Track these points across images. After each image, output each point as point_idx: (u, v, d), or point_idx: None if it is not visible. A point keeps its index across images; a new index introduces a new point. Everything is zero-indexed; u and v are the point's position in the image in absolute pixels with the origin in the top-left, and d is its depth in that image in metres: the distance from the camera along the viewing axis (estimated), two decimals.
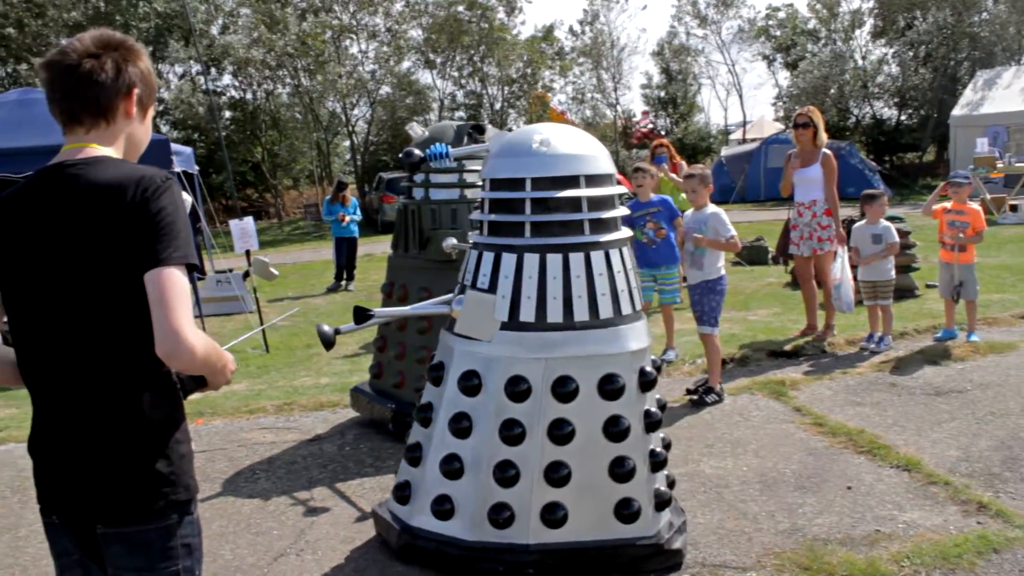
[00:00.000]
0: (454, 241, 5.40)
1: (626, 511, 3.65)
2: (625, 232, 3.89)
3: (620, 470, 3.63)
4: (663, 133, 38.04)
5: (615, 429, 3.61)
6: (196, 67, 31.76)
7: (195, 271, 2.05)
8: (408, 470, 4.06)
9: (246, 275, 10.69)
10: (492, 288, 3.70)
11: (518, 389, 3.63)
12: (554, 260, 3.64)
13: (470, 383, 3.74)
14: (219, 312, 11.48)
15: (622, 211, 3.87)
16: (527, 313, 3.67)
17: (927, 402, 6.02)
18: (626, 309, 3.76)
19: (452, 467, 3.76)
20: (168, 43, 31.53)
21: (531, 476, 3.60)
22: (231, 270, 12.16)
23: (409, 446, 4.07)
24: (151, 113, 2.26)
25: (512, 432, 3.61)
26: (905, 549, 3.89)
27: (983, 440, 5.21)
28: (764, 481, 4.81)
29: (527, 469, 3.60)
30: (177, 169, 10.01)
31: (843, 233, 7.66)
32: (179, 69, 33.92)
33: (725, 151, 31.23)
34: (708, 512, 4.46)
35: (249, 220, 9.13)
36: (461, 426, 3.74)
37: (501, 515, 3.62)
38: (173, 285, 1.92)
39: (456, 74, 36.28)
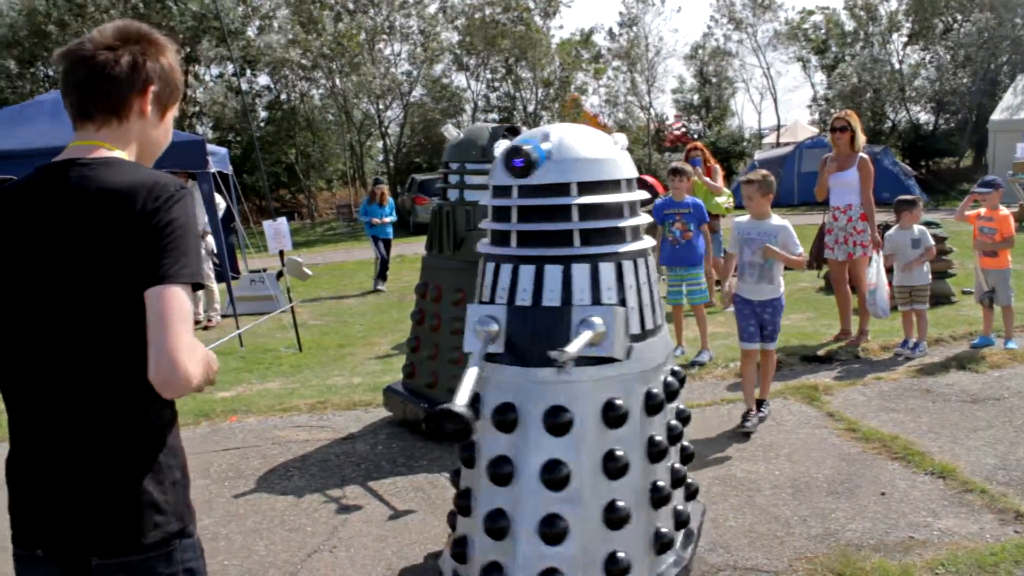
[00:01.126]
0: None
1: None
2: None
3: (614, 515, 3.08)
4: (696, 137, 37.87)
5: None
6: (231, 68, 32.11)
7: (200, 289, 1.92)
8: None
9: (279, 275, 10.81)
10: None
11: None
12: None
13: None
14: (253, 311, 11.59)
15: (646, 218, 3.47)
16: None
17: (963, 409, 5.95)
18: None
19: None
20: (203, 43, 31.89)
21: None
22: (265, 270, 12.28)
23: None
24: (172, 113, 2.09)
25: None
26: (940, 556, 3.86)
27: (1021, 448, 5.14)
28: (796, 486, 4.78)
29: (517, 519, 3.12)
30: (212, 169, 10.11)
31: (879, 238, 7.60)
32: (215, 70, 34.36)
33: (759, 155, 31.01)
34: (740, 515, 4.45)
35: (283, 220, 9.21)
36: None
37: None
38: (176, 305, 1.78)
39: (489, 76, 36.36)
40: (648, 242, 3.39)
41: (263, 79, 34.82)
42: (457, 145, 5.75)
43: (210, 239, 10.69)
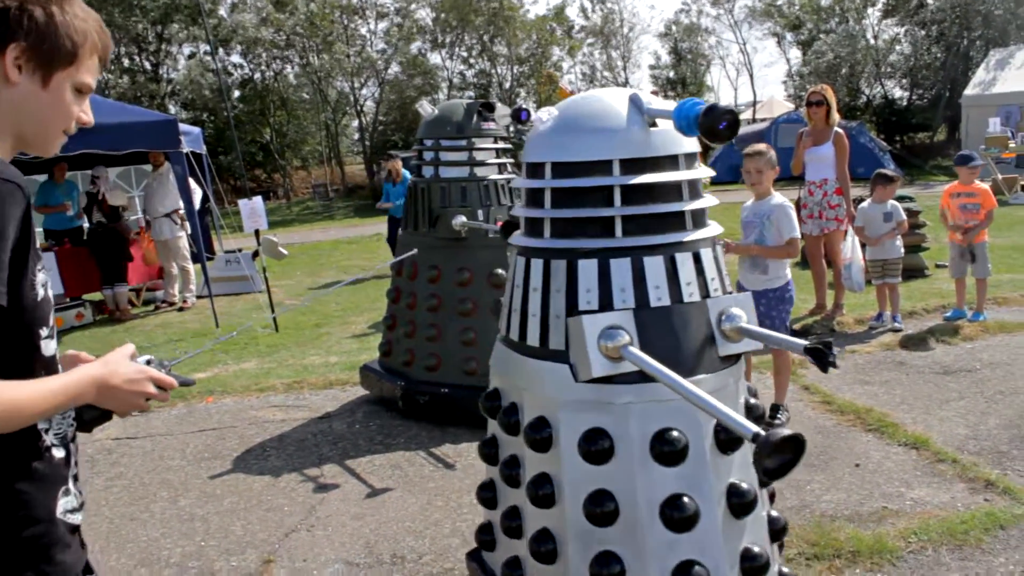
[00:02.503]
0: (464, 219, 5.43)
1: None
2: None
3: None
4: None
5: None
6: (204, 47, 31.75)
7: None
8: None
9: (255, 255, 10.74)
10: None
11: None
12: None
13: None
14: (228, 292, 11.52)
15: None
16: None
17: (936, 381, 6.02)
18: None
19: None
20: (175, 22, 31.49)
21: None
22: (240, 250, 12.20)
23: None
24: (65, 77, 1.64)
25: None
26: (912, 526, 3.90)
27: (991, 419, 5.21)
28: None
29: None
30: (186, 149, 10.00)
31: (854, 212, 7.64)
32: (187, 49, 33.95)
33: None
34: None
35: (258, 200, 9.13)
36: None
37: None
38: None
39: (465, 54, 36.16)
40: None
41: (236, 58, 34.50)
42: (432, 122, 5.72)
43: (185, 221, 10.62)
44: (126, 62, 32.93)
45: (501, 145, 5.79)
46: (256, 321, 9.15)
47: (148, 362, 1.76)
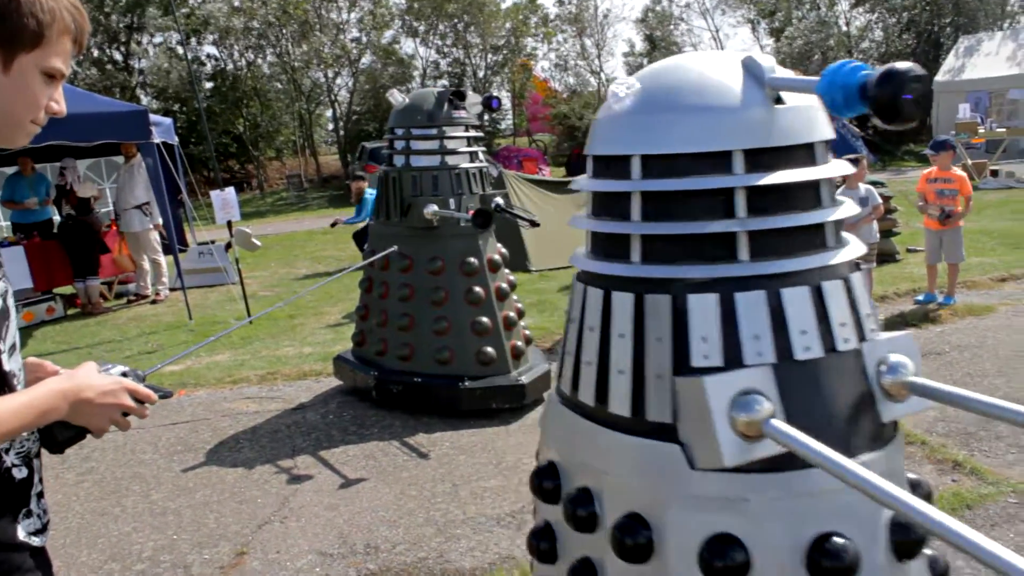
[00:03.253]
0: (435, 208, 5.41)
1: None
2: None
3: None
4: None
5: None
6: (176, 36, 31.42)
7: None
8: None
9: (228, 246, 10.66)
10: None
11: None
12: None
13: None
14: (202, 284, 11.44)
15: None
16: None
17: None
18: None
19: None
20: (147, 11, 31.14)
21: None
22: (213, 242, 12.11)
23: None
24: (30, 61, 1.45)
25: None
26: None
27: None
28: None
29: None
30: (157, 140, 9.89)
31: None
32: (158, 39, 33.56)
33: None
34: None
35: (230, 191, 9.05)
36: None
37: None
38: None
39: (439, 42, 36.02)
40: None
41: (209, 48, 34.18)
42: (402, 111, 5.69)
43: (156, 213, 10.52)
44: (96, 53, 32.54)
45: (472, 133, 5.77)
46: (238, 316, 9.10)
47: (124, 374, 1.61)
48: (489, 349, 5.51)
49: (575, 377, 1.78)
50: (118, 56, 33.22)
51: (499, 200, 5.64)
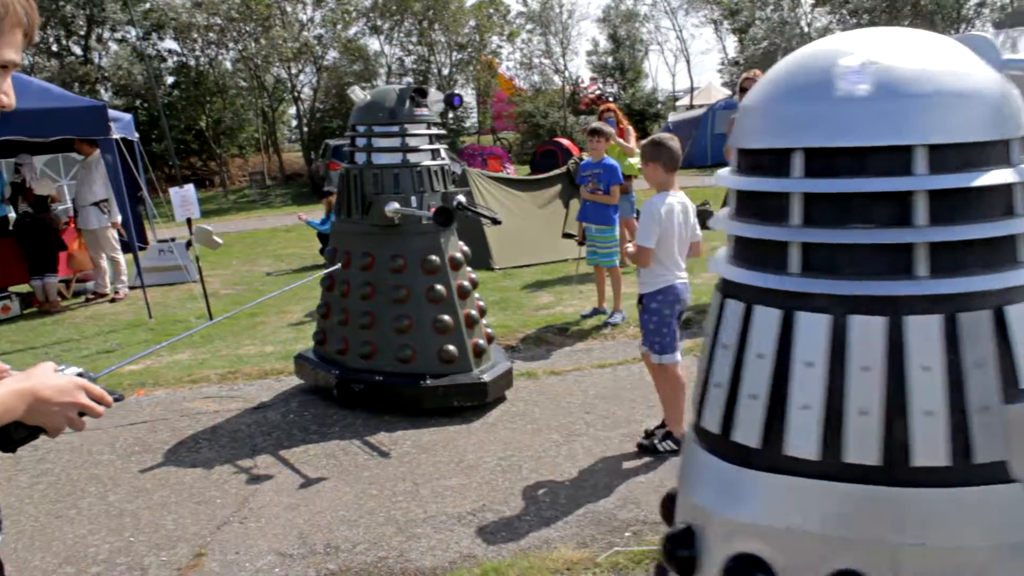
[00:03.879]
0: (396, 206, 5.39)
1: None
2: None
3: None
4: (611, 99, 38.05)
5: None
6: (135, 31, 31.01)
7: None
8: None
9: (189, 244, 10.54)
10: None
11: None
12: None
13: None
14: (162, 282, 11.30)
15: None
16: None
17: None
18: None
19: None
20: (106, 6, 30.69)
21: None
22: (173, 239, 11.96)
23: None
24: None
25: None
26: None
27: None
28: None
29: None
30: (116, 136, 9.75)
31: None
32: (119, 34, 33.10)
33: (673, 117, 31.36)
34: (650, 471, 4.52)
35: (190, 188, 8.93)
36: None
37: None
38: None
39: (403, 39, 35.91)
40: None
41: (170, 43, 33.76)
42: (364, 108, 5.66)
43: (115, 210, 10.38)
44: (55, 46, 32.02)
45: (435, 131, 5.75)
46: (192, 320, 9.00)
47: (80, 374, 1.58)
48: (451, 347, 5.50)
49: (783, 424, 1.30)
50: (78, 50, 32.71)
51: (461, 198, 5.63)
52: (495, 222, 5.77)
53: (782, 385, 1.31)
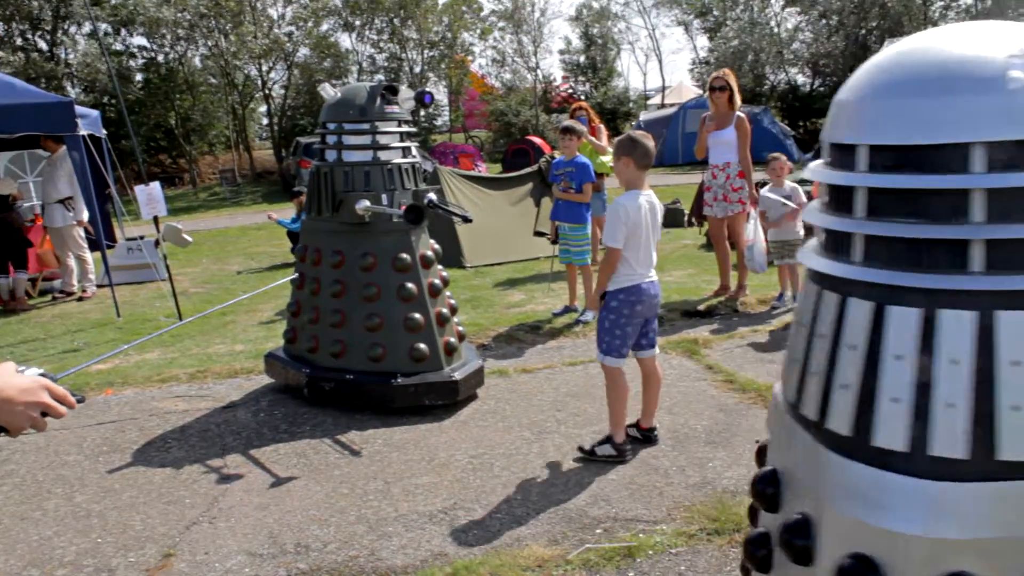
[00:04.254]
0: (367, 203, 5.37)
1: None
2: None
3: None
4: (583, 97, 38.13)
5: None
6: (104, 26, 30.64)
7: None
8: None
9: (158, 242, 10.44)
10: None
11: None
12: None
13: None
14: (131, 280, 11.19)
15: None
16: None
17: None
18: None
19: None
20: (73, 0, 30.30)
21: None
22: (142, 237, 11.84)
23: None
24: None
25: None
26: None
27: None
28: (676, 437, 4.91)
29: None
30: (83, 132, 9.63)
31: (755, 195, 7.80)
32: (87, 29, 32.69)
33: (644, 116, 31.49)
34: (621, 468, 4.54)
35: (156, 186, 8.84)
36: None
37: None
38: None
39: (375, 37, 35.77)
40: None
41: (139, 39, 33.40)
42: (334, 105, 5.62)
43: (82, 207, 10.25)
44: (19, 41, 31.56)
45: (405, 129, 5.73)
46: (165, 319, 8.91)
47: (42, 375, 1.59)
48: (422, 345, 5.48)
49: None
50: (43, 45, 32.26)
51: (432, 196, 5.61)
52: (466, 220, 5.76)
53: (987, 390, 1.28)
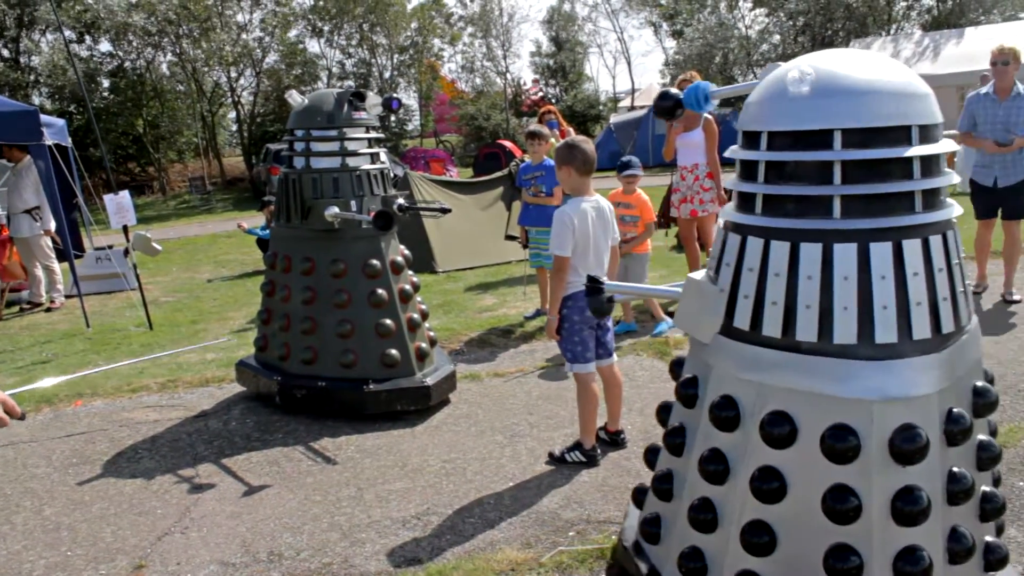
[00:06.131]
0: (336, 210, 5.37)
1: None
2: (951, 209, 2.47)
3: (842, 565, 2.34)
4: (553, 101, 38.25)
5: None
6: (68, 33, 30.32)
7: None
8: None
9: (127, 251, 10.35)
10: (761, 290, 2.55)
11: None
12: (880, 251, 2.35)
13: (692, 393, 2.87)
14: (100, 290, 11.09)
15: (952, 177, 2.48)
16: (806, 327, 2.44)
17: None
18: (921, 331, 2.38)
19: (662, 487, 2.95)
20: (38, 6, 29.97)
21: (727, 530, 2.63)
22: (111, 246, 11.74)
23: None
24: None
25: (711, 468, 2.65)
26: None
27: None
28: (648, 438, 4.93)
29: (725, 519, 2.65)
30: (49, 142, 9.54)
31: (724, 195, 7.86)
32: (51, 35, 32.32)
33: (614, 118, 31.60)
34: (593, 470, 4.56)
35: (125, 194, 8.77)
36: (675, 442, 2.91)
37: (692, 564, 2.72)
38: None
39: (344, 43, 35.68)
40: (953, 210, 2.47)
41: (105, 45, 33.07)
42: (302, 112, 5.61)
43: (49, 217, 10.15)
44: None
45: (373, 135, 5.74)
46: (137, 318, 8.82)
47: None
48: (393, 351, 5.49)
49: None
50: (6, 53, 31.86)
51: (401, 201, 5.62)
52: (443, 211, 5.77)
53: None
